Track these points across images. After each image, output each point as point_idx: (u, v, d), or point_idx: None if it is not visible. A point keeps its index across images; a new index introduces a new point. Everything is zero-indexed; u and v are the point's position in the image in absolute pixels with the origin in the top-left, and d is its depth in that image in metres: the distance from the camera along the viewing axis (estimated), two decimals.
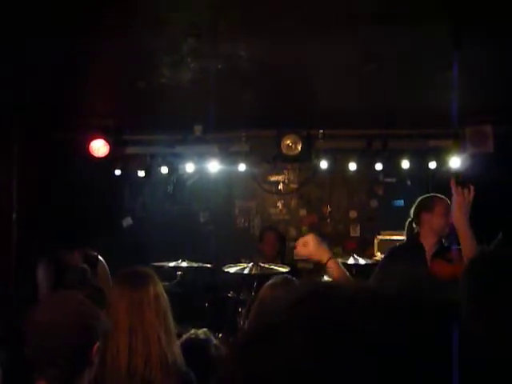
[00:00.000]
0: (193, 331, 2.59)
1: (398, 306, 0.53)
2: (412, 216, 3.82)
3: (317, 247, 2.53)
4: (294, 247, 2.62)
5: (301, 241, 2.58)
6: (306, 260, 2.75)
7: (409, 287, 0.56)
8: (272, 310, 0.57)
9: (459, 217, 3.02)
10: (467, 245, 2.95)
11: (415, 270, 3.49)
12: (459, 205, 3.03)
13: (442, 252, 3.64)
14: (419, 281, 3.26)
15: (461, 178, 3.29)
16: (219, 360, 2.58)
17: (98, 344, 1.87)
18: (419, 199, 3.84)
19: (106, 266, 4.45)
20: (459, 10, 3.16)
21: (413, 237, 3.81)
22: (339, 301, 0.54)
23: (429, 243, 3.68)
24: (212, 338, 2.69)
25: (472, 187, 3.08)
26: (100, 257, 4.45)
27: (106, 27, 3.53)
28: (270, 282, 2.74)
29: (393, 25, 3.43)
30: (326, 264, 2.50)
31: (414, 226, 3.81)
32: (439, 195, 3.76)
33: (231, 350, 0.56)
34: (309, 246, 2.53)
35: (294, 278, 2.85)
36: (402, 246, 3.98)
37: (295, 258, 2.69)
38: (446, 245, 3.66)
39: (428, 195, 3.87)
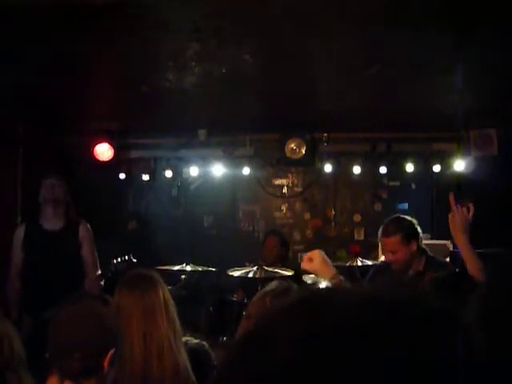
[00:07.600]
0: (184, 339, 2.55)
1: (389, 311, 0.53)
2: None
3: (321, 264, 2.49)
4: (301, 260, 2.60)
5: (307, 256, 2.54)
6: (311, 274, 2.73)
7: (401, 290, 0.56)
8: (265, 314, 0.58)
9: (460, 236, 2.80)
10: (472, 263, 2.74)
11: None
12: (458, 224, 2.81)
13: None
14: (413, 283, 3.25)
15: (459, 195, 3.10)
16: (213, 365, 2.58)
17: (112, 352, 1.89)
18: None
19: (90, 230, 4.62)
20: (464, 11, 3.17)
21: None
22: (331, 305, 0.54)
23: None
24: (204, 343, 2.66)
25: (471, 206, 2.85)
26: (84, 221, 4.63)
27: (111, 31, 3.55)
28: (265, 288, 2.74)
29: (396, 27, 3.43)
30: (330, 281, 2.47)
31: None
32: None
33: (226, 352, 0.57)
34: (314, 262, 2.50)
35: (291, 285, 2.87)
36: None
37: (301, 270, 2.67)
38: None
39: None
